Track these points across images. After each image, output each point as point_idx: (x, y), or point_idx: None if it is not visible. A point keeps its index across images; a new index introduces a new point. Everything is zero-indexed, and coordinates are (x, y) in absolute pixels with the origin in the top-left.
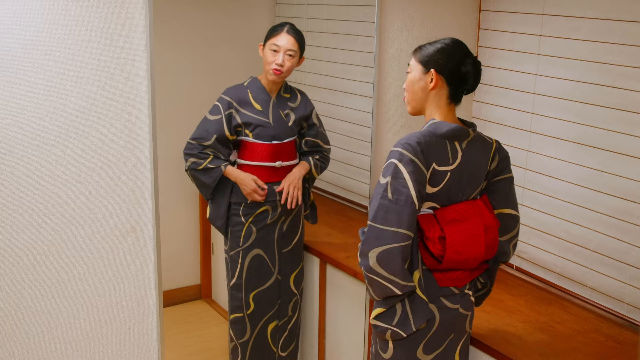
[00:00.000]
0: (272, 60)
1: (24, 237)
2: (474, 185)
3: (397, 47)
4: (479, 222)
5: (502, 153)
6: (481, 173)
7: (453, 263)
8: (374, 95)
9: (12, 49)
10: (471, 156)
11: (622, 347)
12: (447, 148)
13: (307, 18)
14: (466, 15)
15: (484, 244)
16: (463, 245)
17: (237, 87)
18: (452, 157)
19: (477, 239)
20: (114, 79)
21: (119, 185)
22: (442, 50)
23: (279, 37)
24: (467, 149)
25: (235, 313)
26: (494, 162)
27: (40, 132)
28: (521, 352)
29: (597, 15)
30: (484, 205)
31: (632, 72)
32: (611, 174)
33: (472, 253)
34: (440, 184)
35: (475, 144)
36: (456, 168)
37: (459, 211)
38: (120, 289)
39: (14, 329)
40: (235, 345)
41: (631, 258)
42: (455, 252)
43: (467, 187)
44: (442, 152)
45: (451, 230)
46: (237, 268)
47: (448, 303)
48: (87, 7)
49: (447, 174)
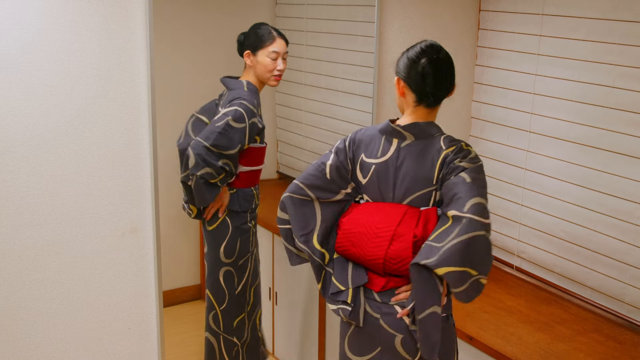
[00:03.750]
0: (273, 67)
1: (24, 237)
2: (408, 189)
3: (397, 47)
4: (390, 225)
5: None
6: (421, 177)
7: (347, 253)
8: (373, 95)
9: (12, 49)
10: (408, 158)
11: (622, 347)
12: (380, 142)
13: (307, 18)
14: (466, 15)
15: (385, 249)
16: (358, 239)
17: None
18: (381, 151)
19: (378, 240)
20: (114, 79)
21: (119, 185)
22: (403, 56)
23: (276, 43)
24: (406, 148)
25: (239, 316)
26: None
27: (40, 132)
28: (521, 352)
29: (597, 15)
30: (416, 215)
31: (632, 72)
32: (611, 174)
33: (367, 250)
34: (367, 175)
35: (416, 148)
36: (383, 163)
37: (378, 208)
38: (120, 289)
39: (14, 329)
40: (237, 349)
41: (631, 258)
42: (348, 241)
43: (399, 188)
44: (373, 145)
45: (355, 220)
46: (245, 274)
47: (368, 307)
48: (87, 7)
49: (372, 166)
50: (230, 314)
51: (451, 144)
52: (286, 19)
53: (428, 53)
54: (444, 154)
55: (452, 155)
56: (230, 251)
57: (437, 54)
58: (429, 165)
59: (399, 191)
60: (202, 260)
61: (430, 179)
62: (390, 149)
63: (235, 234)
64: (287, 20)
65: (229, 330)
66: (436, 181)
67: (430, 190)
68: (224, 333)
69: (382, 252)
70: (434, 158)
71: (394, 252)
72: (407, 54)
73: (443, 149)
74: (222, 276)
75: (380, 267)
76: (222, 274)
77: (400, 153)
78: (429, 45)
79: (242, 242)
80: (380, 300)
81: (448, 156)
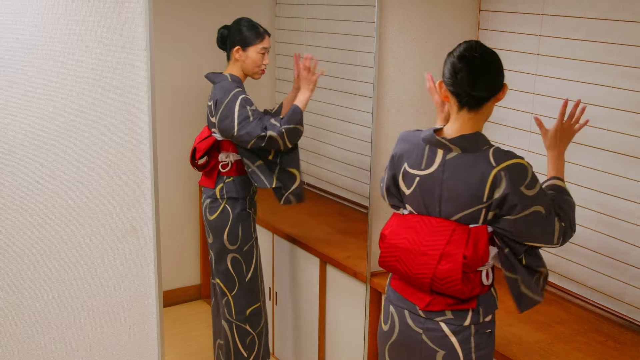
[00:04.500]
0: (261, 62)
1: (24, 237)
2: (455, 206)
3: (397, 47)
4: (439, 243)
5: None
6: (470, 195)
7: (392, 269)
8: (374, 95)
9: (12, 49)
10: (455, 173)
11: (622, 347)
12: (424, 153)
13: (307, 18)
14: (466, 15)
15: (433, 267)
16: (404, 255)
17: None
18: (425, 162)
19: (425, 258)
20: (114, 79)
21: (119, 185)
22: (446, 59)
23: (265, 40)
24: (452, 161)
25: (253, 305)
26: (497, 189)
27: (40, 132)
28: (521, 352)
29: (597, 15)
30: (465, 234)
31: (632, 72)
32: (611, 174)
33: (414, 268)
34: (411, 187)
35: (463, 162)
36: (428, 176)
37: (425, 223)
38: (120, 289)
39: (14, 329)
40: (252, 337)
41: (631, 258)
42: (392, 256)
43: (445, 204)
44: (416, 155)
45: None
46: (252, 260)
47: (410, 321)
48: (87, 7)
49: (416, 179)
50: (241, 301)
51: (503, 160)
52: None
53: (463, 51)
54: (495, 172)
55: (507, 180)
56: (233, 238)
57: (472, 51)
58: (478, 183)
59: (445, 207)
60: (202, 260)
61: (479, 197)
62: (435, 161)
63: (236, 221)
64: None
65: (241, 318)
66: (487, 199)
67: (480, 208)
68: (237, 321)
69: (430, 271)
70: (483, 175)
71: (442, 272)
72: (449, 58)
73: (493, 165)
74: (230, 263)
75: (427, 285)
76: (229, 261)
77: (445, 166)
78: (467, 44)
79: (244, 228)
80: (424, 317)
81: (501, 176)
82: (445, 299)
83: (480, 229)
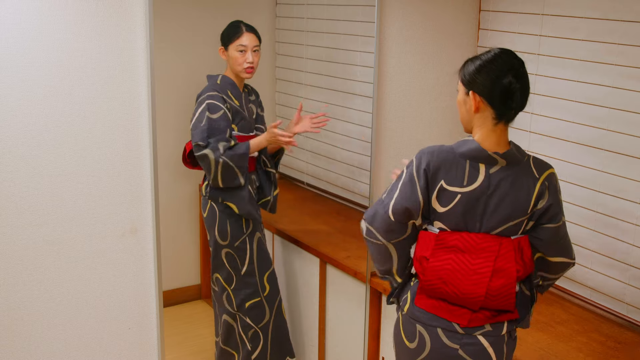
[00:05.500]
0: (242, 60)
1: (24, 237)
2: (501, 218)
3: (397, 47)
4: (488, 260)
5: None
6: (517, 208)
7: (438, 292)
8: (374, 95)
9: (12, 49)
10: (502, 185)
11: (622, 347)
12: (465, 168)
13: (307, 18)
14: (466, 15)
15: (485, 285)
16: (451, 276)
17: (214, 85)
18: (468, 179)
19: (477, 277)
20: (114, 79)
21: (119, 185)
22: (480, 68)
23: (242, 37)
24: (497, 175)
25: (251, 299)
26: (542, 200)
27: (40, 132)
28: (521, 352)
29: (597, 16)
30: (511, 247)
31: (632, 72)
32: (611, 174)
33: (464, 288)
34: (449, 204)
35: (510, 175)
36: (471, 192)
37: (467, 241)
38: (120, 289)
39: (14, 329)
40: (255, 331)
41: (631, 258)
42: (438, 278)
43: (491, 218)
44: (456, 171)
45: (442, 256)
46: (246, 255)
47: (445, 338)
48: (87, 7)
49: (457, 196)
50: (240, 294)
51: (543, 171)
52: (286, 19)
53: (513, 66)
54: (539, 184)
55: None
56: (223, 234)
57: (521, 67)
58: (525, 195)
59: (489, 221)
60: (202, 260)
61: (525, 209)
62: (478, 177)
63: (223, 218)
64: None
65: (242, 310)
66: (530, 211)
67: (523, 220)
68: (239, 312)
69: (483, 290)
70: (529, 188)
71: (496, 288)
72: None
73: (537, 177)
74: (225, 257)
75: (479, 303)
76: (224, 255)
77: (491, 181)
78: (510, 56)
79: (233, 225)
80: (462, 332)
81: (545, 188)
82: (486, 313)
83: (523, 240)
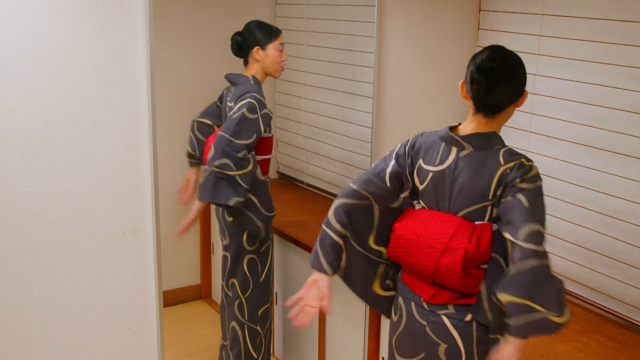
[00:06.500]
0: (280, 59)
1: (24, 237)
2: (463, 201)
3: (397, 47)
4: (444, 237)
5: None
6: (477, 192)
7: (399, 259)
8: (374, 95)
9: (12, 49)
10: (465, 170)
11: (622, 347)
12: (440, 149)
13: (307, 18)
14: (466, 15)
15: (436, 260)
16: (412, 248)
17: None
18: (440, 159)
19: (430, 251)
20: (114, 79)
21: (119, 185)
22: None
23: (280, 37)
24: (465, 159)
25: (264, 305)
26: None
27: (40, 132)
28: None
29: (597, 16)
30: (468, 229)
31: (632, 72)
32: (611, 174)
33: (419, 259)
34: (424, 182)
35: (475, 159)
36: (441, 171)
37: (432, 217)
38: (120, 289)
39: (14, 329)
40: (261, 337)
41: (631, 258)
42: (400, 248)
43: (456, 199)
44: (432, 152)
45: (407, 227)
46: (267, 261)
47: (416, 313)
48: (87, 7)
49: (430, 174)
50: (254, 302)
51: (511, 159)
52: (286, 19)
53: (483, 61)
54: (502, 170)
55: (511, 172)
56: (252, 239)
57: (491, 62)
58: (486, 180)
59: (454, 202)
60: (202, 260)
61: (486, 194)
62: (448, 158)
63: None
64: (287, 20)
65: (253, 319)
66: (492, 197)
67: (486, 205)
68: (249, 322)
69: (433, 263)
70: (491, 172)
71: (444, 265)
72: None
73: (502, 164)
74: (246, 264)
75: (429, 276)
76: (246, 262)
77: (458, 163)
78: (489, 51)
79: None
80: (428, 309)
81: (507, 173)
82: (448, 293)
83: (485, 226)
